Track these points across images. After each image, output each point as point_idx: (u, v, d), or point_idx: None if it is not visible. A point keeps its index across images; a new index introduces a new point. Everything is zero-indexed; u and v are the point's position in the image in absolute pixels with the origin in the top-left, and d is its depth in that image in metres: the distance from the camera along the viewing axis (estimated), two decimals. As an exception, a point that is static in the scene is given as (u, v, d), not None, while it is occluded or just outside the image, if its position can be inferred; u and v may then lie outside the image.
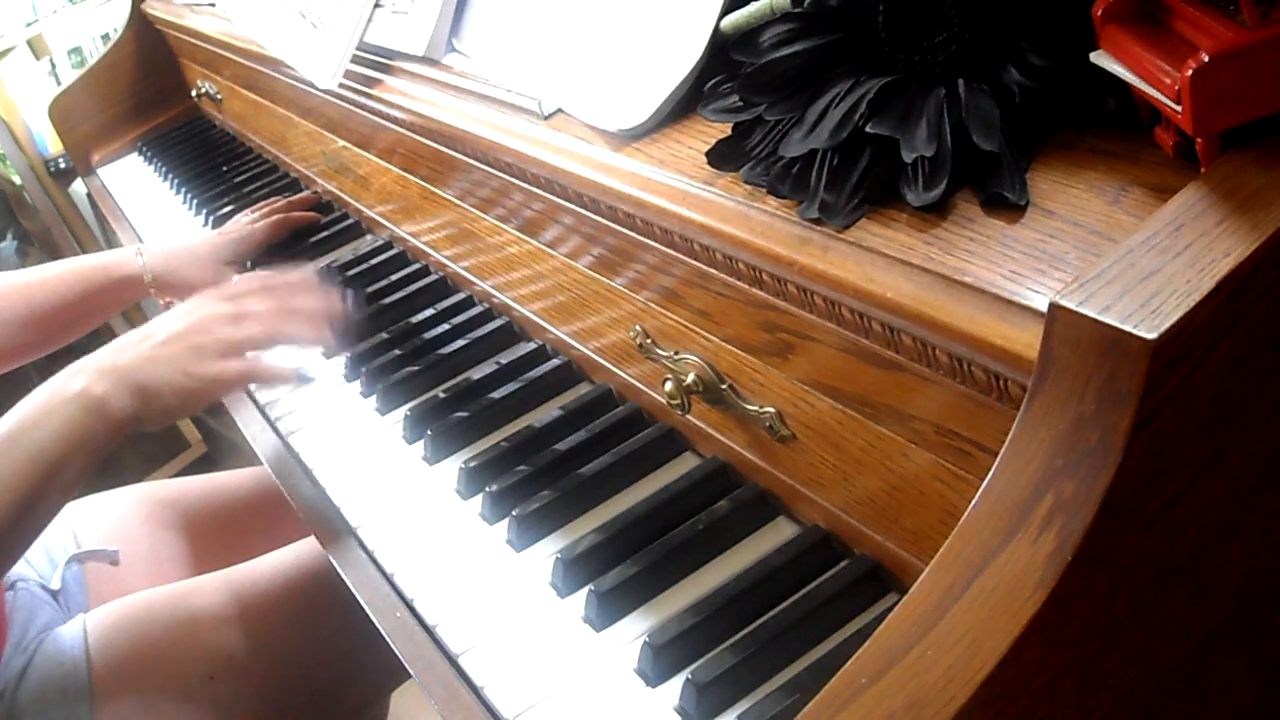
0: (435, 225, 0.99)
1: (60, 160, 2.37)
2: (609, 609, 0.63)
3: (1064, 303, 0.39)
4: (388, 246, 1.11)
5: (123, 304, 1.19)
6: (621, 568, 0.64)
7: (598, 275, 0.75)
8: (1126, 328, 0.37)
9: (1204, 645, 0.46)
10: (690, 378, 0.67)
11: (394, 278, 1.04)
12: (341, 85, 0.98)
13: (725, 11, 0.64)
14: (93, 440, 0.77)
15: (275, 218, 1.19)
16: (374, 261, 1.08)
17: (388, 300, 1.01)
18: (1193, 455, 0.40)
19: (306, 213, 1.22)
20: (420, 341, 0.92)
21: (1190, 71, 0.39)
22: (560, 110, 0.74)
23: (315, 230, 1.21)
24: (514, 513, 0.70)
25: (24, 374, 1.21)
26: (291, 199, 1.25)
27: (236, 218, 1.23)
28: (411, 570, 0.71)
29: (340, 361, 0.94)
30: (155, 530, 1.12)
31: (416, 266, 1.05)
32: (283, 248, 1.19)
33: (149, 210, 1.50)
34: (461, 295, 0.97)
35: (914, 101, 0.51)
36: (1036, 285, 0.44)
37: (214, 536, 1.15)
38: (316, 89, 1.02)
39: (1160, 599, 0.42)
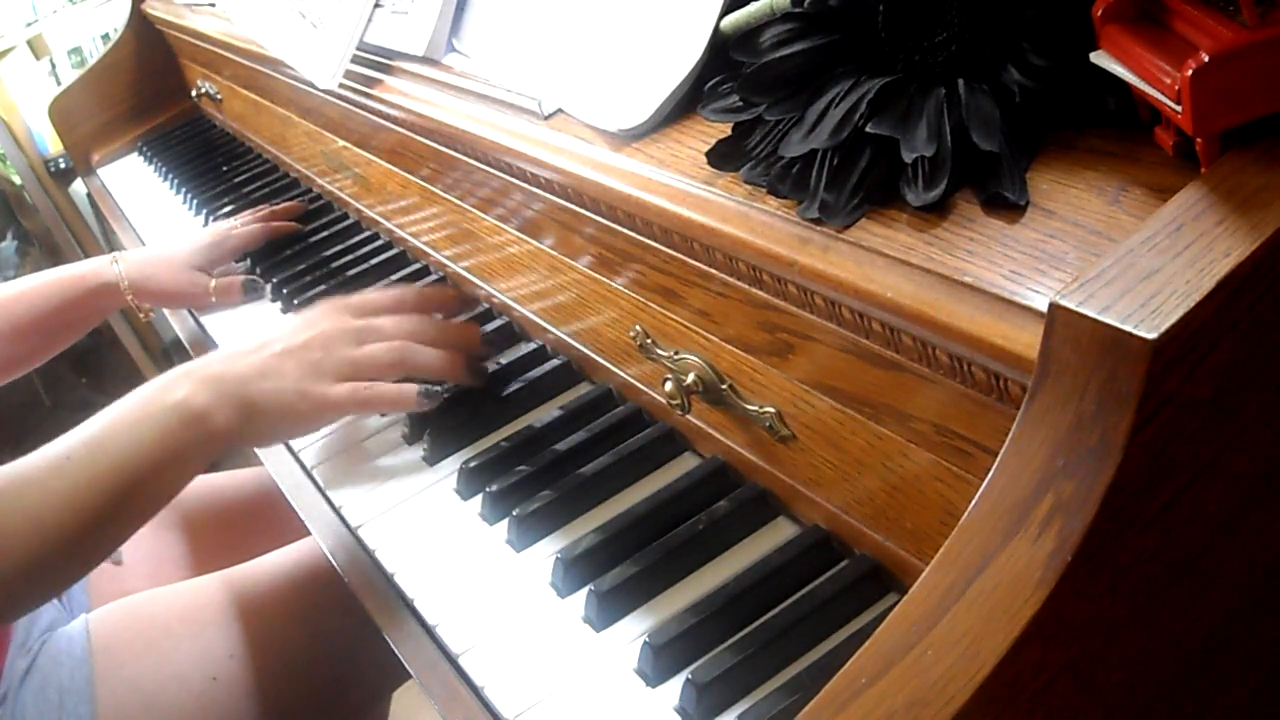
0: (435, 225, 0.99)
1: (60, 160, 2.37)
2: (609, 609, 0.63)
3: (1064, 303, 0.39)
4: (388, 246, 1.11)
5: (103, 313, 1.19)
6: (621, 568, 0.64)
7: (598, 275, 0.75)
8: (1127, 328, 0.37)
9: (1204, 645, 0.46)
10: (690, 378, 0.67)
11: (394, 278, 1.05)
12: (341, 85, 0.98)
13: (725, 11, 0.64)
14: (187, 455, 0.71)
15: (254, 226, 1.19)
16: (374, 261, 1.09)
17: (388, 300, 1.01)
18: (1193, 455, 0.40)
19: (287, 223, 1.21)
20: (420, 341, 0.92)
21: (1190, 71, 0.39)
22: (560, 110, 0.74)
23: (317, 230, 1.21)
24: (514, 513, 0.70)
25: (26, 378, 1.21)
26: (275, 208, 1.24)
27: (224, 222, 1.23)
28: (412, 570, 0.71)
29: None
30: (156, 530, 1.12)
31: (416, 266, 1.05)
32: (281, 246, 1.19)
33: (149, 210, 1.50)
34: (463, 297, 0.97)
35: (914, 101, 0.51)
36: (1036, 285, 0.44)
37: (214, 536, 1.15)
38: (316, 89, 1.02)
39: (1160, 599, 0.42)
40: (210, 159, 1.52)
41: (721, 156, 0.59)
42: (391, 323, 0.80)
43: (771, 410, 0.62)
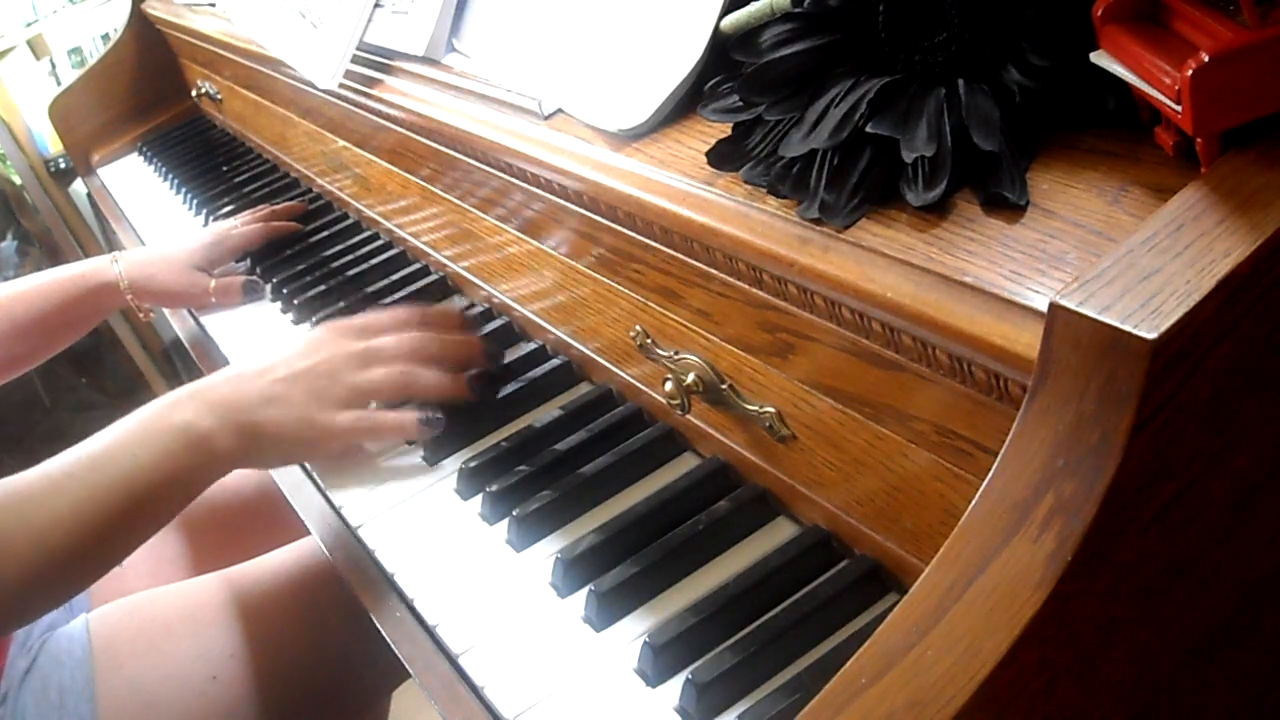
0: (435, 225, 0.99)
1: (60, 160, 2.37)
2: (609, 609, 0.63)
3: (1064, 303, 0.39)
4: (388, 246, 1.11)
5: (103, 312, 1.19)
6: (621, 568, 0.64)
7: (598, 275, 0.75)
8: (1126, 328, 0.37)
9: (1204, 645, 0.46)
10: (690, 378, 0.67)
11: (394, 277, 1.05)
12: (341, 85, 0.98)
13: (725, 11, 0.64)
14: (189, 478, 0.72)
15: (254, 226, 1.19)
16: (374, 261, 1.09)
17: (388, 301, 1.01)
18: (1193, 455, 0.40)
19: (288, 223, 1.21)
20: (420, 341, 0.92)
21: (1190, 71, 0.39)
22: (560, 110, 0.74)
23: (317, 230, 1.21)
24: (514, 513, 0.70)
25: (26, 377, 1.21)
26: (275, 208, 1.25)
27: (224, 222, 1.23)
28: (412, 570, 0.71)
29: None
30: (156, 530, 1.12)
31: (416, 266, 1.05)
32: (281, 246, 1.19)
33: (149, 210, 1.50)
34: (464, 301, 0.97)
35: (914, 101, 0.51)
36: (1036, 285, 0.44)
37: (214, 536, 1.15)
38: (316, 89, 1.02)
39: (1160, 599, 0.42)
40: (210, 159, 1.52)
41: (721, 156, 0.59)
42: (393, 343, 0.80)
43: (771, 410, 0.62)
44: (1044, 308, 0.40)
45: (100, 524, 0.69)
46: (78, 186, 2.38)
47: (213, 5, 1.42)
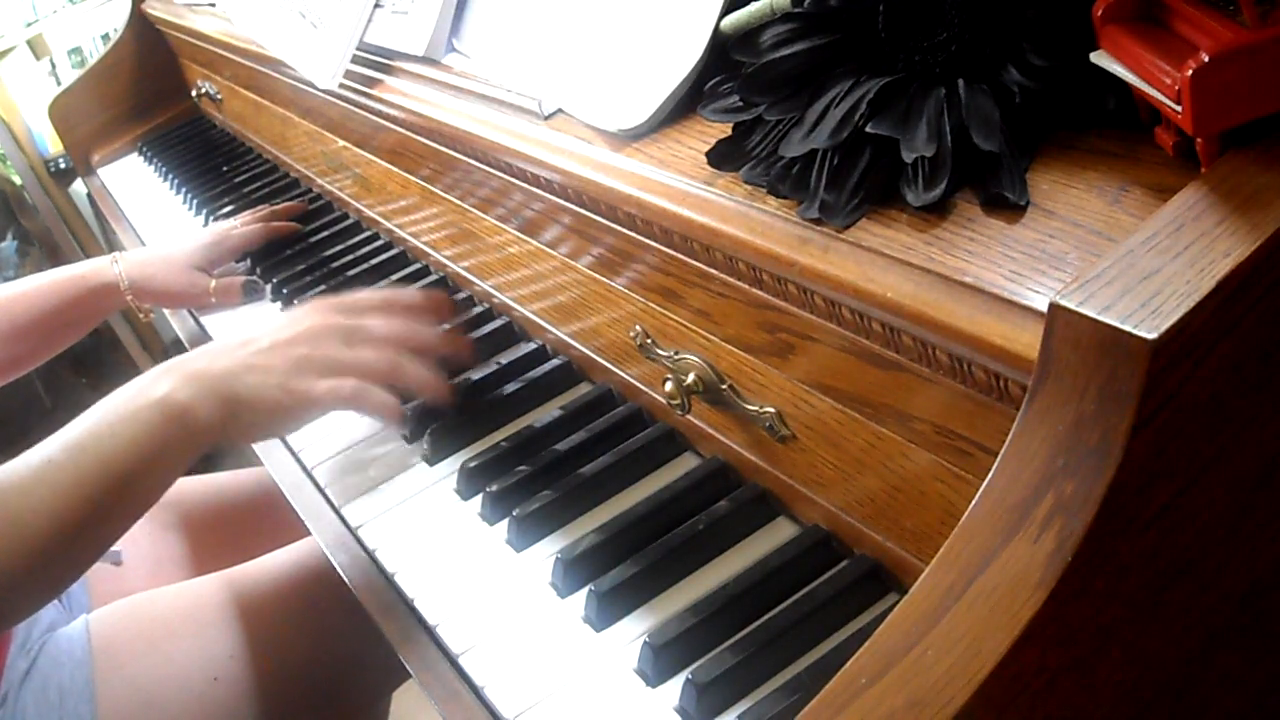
0: (435, 225, 0.99)
1: (60, 160, 2.37)
2: (609, 609, 0.63)
3: (1064, 303, 0.39)
4: (388, 246, 1.11)
5: (103, 313, 1.19)
6: (621, 568, 0.64)
7: (598, 275, 0.75)
8: (1126, 328, 0.37)
9: (1204, 645, 0.46)
10: (690, 378, 0.67)
11: (394, 278, 1.05)
12: (341, 85, 0.98)
13: (725, 11, 0.64)
14: (170, 452, 0.70)
15: (254, 226, 1.19)
16: (374, 261, 1.09)
17: (388, 300, 1.01)
18: (1193, 455, 0.40)
19: (288, 223, 1.21)
20: (420, 341, 0.92)
21: (1190, 71, 0.39)
22: (560, 110, 0.74)
23: (317, 230, 1.21)
24: (514, 513, 0.70)
25: (26, 378, 1.21)
26: (275, 208, 1.25)
27: (224, 222, 1.23)
28: (412, 570, 0.71)
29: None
30: (156, 530, 1.12)
31: (417, 266, 1.05)
32: (282, 246, 1.19)
33: (149, 210, 1.50)
34: (461, 295, 0.97)
35: (914, 101, 0.51)
36: (1036, 285, 0.44)
37: (214, 536, 1.15)
38: (316, 89, 1.02)
39: (1160, 599, 0.42)
40: (210, 159, 1.52)
41: (721, 156, 0.59)
42: (381, 324, 0.79)
43: (771, 410, 0.62)
44: (1044, 308, 0.40)
45: (84, 509, 0.67)
46: (78, 186, 2.39)
47: (213, 5, 1.42)
